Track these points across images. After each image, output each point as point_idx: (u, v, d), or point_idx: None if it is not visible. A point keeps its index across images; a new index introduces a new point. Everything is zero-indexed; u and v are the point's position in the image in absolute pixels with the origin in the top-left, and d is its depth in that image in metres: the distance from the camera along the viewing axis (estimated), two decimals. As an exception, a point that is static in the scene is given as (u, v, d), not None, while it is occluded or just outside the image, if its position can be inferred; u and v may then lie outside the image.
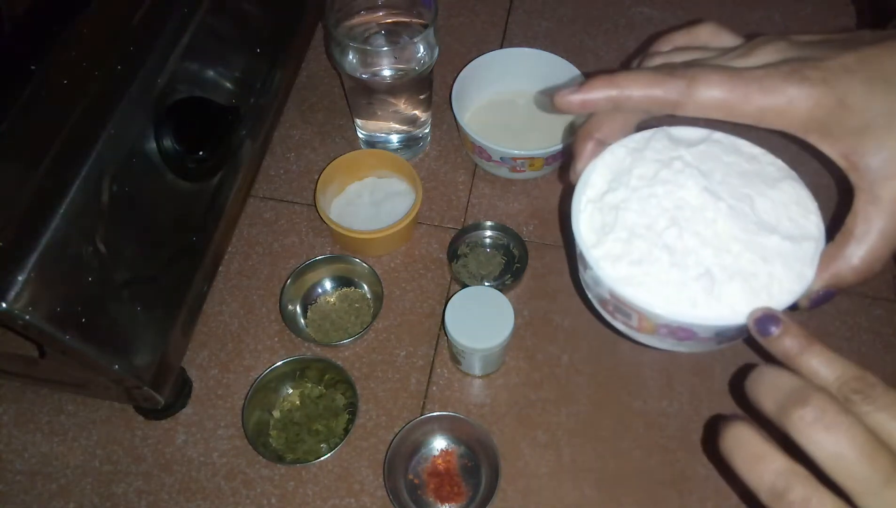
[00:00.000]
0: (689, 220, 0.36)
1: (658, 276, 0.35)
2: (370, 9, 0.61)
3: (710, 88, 0.34)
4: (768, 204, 0.36)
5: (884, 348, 0.59)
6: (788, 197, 0.37)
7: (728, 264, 0.35)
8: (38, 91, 0.43)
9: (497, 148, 0.61)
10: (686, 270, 0.35)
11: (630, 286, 0.35)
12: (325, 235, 0.65)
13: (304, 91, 0.73)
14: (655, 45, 0.41)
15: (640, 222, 0.36)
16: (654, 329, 0.37)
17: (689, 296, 0.34)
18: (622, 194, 0.37)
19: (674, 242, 0.35)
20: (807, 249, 0.35)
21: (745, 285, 0.34)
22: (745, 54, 0.35)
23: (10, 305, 0.38)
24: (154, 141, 0.49)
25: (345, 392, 0.57)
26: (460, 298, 0.53)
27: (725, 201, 0.36)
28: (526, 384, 0.58)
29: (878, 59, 0.33)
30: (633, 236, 0.36)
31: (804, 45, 0.35)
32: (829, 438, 0.27)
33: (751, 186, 0.37)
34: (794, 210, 0.37)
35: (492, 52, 0.68)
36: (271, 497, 0.54)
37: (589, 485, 0.54)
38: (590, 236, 0.37)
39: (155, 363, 0.49)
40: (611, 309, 0.39)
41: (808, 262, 0.35)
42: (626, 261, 0.36)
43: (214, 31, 0.54)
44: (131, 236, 0.47)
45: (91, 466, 0.55)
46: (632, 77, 0.35)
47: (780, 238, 0.35)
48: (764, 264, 0.35)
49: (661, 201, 0.36)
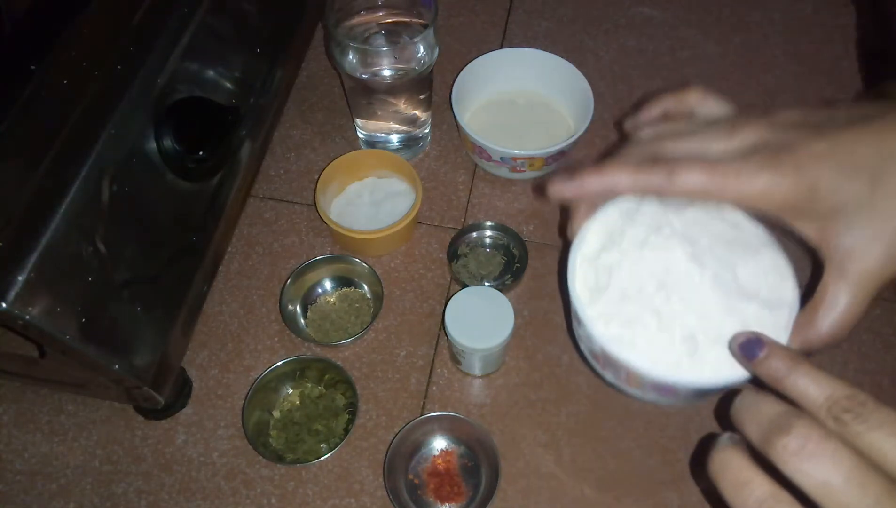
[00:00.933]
0: (676, 285, 0.38)
1: (647, 338, 0.38)
2: (370, 9, 0.61)
3: (690, 178, 0.37)
4: (749, 271, 0.39)
5: (884, 348, 0.59)
6: (767, 265, 0.40)
7: (710, 330, 0.37)
8: (38, 91, 0.43)
9: (497, 148, 0.61)
10: (672, 333, 0.37)
11: (621, 346, 0.38)
12: (325, 235, 0.65)
13: (304, 91, 0.73)
14: (645, 109, 0.45)
15: (632, 284, 0.39)
16: (641, 385, 0.39)
17: (675, 358, 0.37)
18: (615, 256, 0.40)
19: (662, 306, 0.38)
20: (782, 316, 0.38)
21: (726, 351, 0.37)
22: (727, 135, 0.38)
23: (10, 305, 0.38)
24: (154, 141, 0.49)
25: (345, 392, 0.57)
26: (460, 298, 0.53)
27: (710, 268, 0.38)
28: (526, 384, 0.58)
29: (849, 145, 0.35)
30: (624, 299, 0.39)
31: (783, 128, 0.37)
32: (814, 467, 0.27)
33: (734, 253, 0.39)
34: (772, 278, 0.39)
35: (492, 53, 0.68)
36: (271, 497, 0.54)
37: (589, 485, 0.54)
38: (584, 294, 0.40)
39: (155, 363, 0.49)
40: (601, 363, 0.41)
41: (783, 328, 0.38)
42: (617, 322, 0.38)
43: (214, 31, 0.54)
44: (131, 236, 0.47)
45: (91, 466, 0.55)
46: (618, 168, 0.38)
47: (759, 306, 0.38)
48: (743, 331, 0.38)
49: (650, 265, 0.39)
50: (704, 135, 0.38)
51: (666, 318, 0.38)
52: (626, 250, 0.40)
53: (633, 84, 0.74)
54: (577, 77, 0.66)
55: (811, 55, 0.76)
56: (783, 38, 0.77)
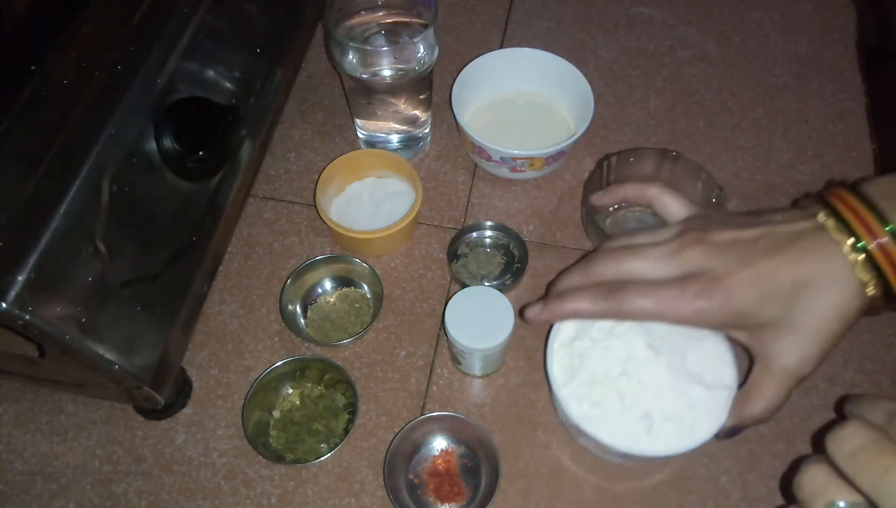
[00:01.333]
0: (636, 371, 0.48)
1: (612, 416, 0.47)
2: (370, 9, 0.61)
3: (637, 304, 0.45)
4: (696, 356, 0.48)
5: (884, 348, 0.59)
6: (712, 351, 0.49)
7: (664, 409, 0.47)
8: (38, 91, 0.43)
9: (497, 148, 0.61)
10: (633, 412, 0.47)
11: (590, 423, 0.47)
12: (325, 235, 0.65)
13: (304, 91, 0.73)
14: (612, 191, 0.57)
15: (599, 369, 0.48)
16: (608, 452, 0.49)
17: (635, 433, 0.47)
18: (586, 344, 0.50)
19: (624, 389, 0.48)
20: (722, 397, 0.47)
21: (676, 427, 0.47)
22: (672, 258, 0.45)
23: (10, 305, 0.38)
24: (154, 141, 0.49)
25: (345, 392, 0.57)
26: (460, 298, 0.53)
27: (664, 355, 0.48)
28: (526, 384, 0.58)
29: (770, 274, 0.42)
30: (593, 382, 0.48)
31: (718, 252, 0.44)
32: None
33: (684, 340, 0.49)
34: (716, 363, 0.49)
35: (492, 52, 0.68)
36: (271, 497, 0.54)
37: (589, 485, 0.54)
38: (561, 376, 0.49)
39: (155, 363, 0.49)
40: (575, 433, 0.51)
41: (723, 407, 0.47)
42: (587, 402, 0.48)
43: (214, 31, 0.54)
44: (131, 236, 0.47)
45: (91, 466, 0.55)
46: (580, 299, 0.47)
47: (703, 388, 0.47)
48: (690, 410, 0.47)
49: (615, 352, 0.49)
50: (653, 255, 0.46)
51: (628, 399, 0.47)
52: (596, 338, 0.49)
53: (633, 84, 0.74)
54: (577, 77, 0.66)
55: (811, 55, 0.76)
56: (783, 38, 0.77)
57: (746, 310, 0.43)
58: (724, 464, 0.54)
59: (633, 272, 0.47)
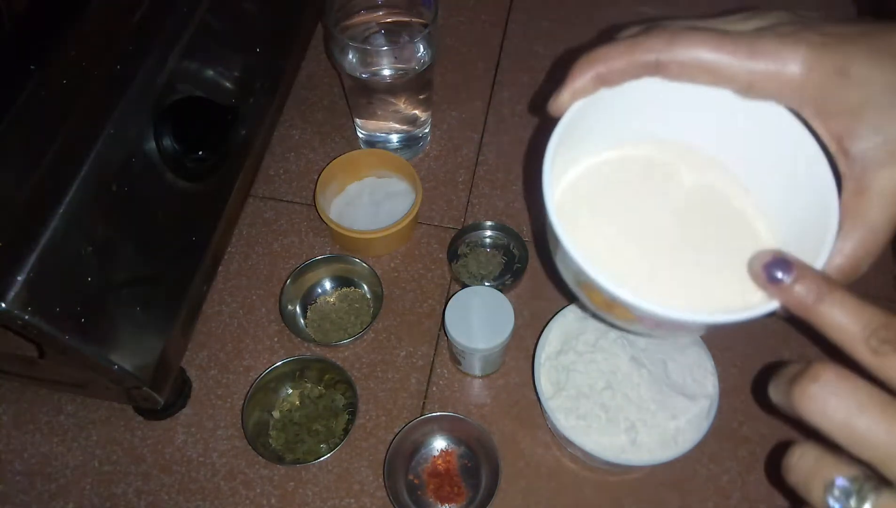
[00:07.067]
0: (620, 384, 0.49)
1: (598, 428, 0.48)
2: (370, 9, 0.61)
3: (692, 48, 0.30)
4: (678, 367, 0.50)
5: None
6: (693, 360, 0.50)
7: (647, 420, 0.48)
8: (38, 91, 0.43)
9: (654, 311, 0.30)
10: (617, 424, 0.48)
11: (577, 435, 0.48)
12: (324, 235, 0.65)
13: (304, 91, 0.73)
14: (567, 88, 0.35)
15: (585, 382, 0.50)
16: (595, 461, 0.50)
17: (620, 444, 0.48)
18: (571, 357, 0.51)
19: (609, 402, 0.49)
20: (703, 405, 0.49)
21: (659, 437, 0.48)
22: (743, 19, 0.32)
23: (10, 305, 0.38)
24: (154, 141, 0.49)
25: (344, 392, 0.57)
26: (460, 298, 0.53)
27: (647, 367, 0.49)
28: (526, 384, 0.58)
29: (885, 33, 0.30)
30: (580, 395, 0.49)
31: (808, 17, 0.32)
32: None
33: (665, 352, 0.50)
34: (697, 372, 0.50)
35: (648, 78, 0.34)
36: (271, 497, 0.54)
37: (589, 485, 0.54)
38: (548, 389, 0.51)
39: (154, 363, 0.49)
40: (563, 443, 0.53)
41: (705, 416, 0.48)
42: (574, 415, 0.49)
43: (214, 30, 0.54)
44: (131, 236, 0.47)
45: (91, 466, 0.55)
46: (609, 49, 0.33)
47: (685, 398, 0.49)
48: (672, 420, 0.48)
49: (599, 365, 0.50)
50: (714, 21, 0.33)
51: (612, 411, 0.49)
52: (581, 351, 0.51)
53: (633, 84, 0.74)
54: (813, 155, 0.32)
55: (811, 55, 0.75)
56: (783, 39, 0.77)
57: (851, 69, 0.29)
58: (725, 464, 0.54)
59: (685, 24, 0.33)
